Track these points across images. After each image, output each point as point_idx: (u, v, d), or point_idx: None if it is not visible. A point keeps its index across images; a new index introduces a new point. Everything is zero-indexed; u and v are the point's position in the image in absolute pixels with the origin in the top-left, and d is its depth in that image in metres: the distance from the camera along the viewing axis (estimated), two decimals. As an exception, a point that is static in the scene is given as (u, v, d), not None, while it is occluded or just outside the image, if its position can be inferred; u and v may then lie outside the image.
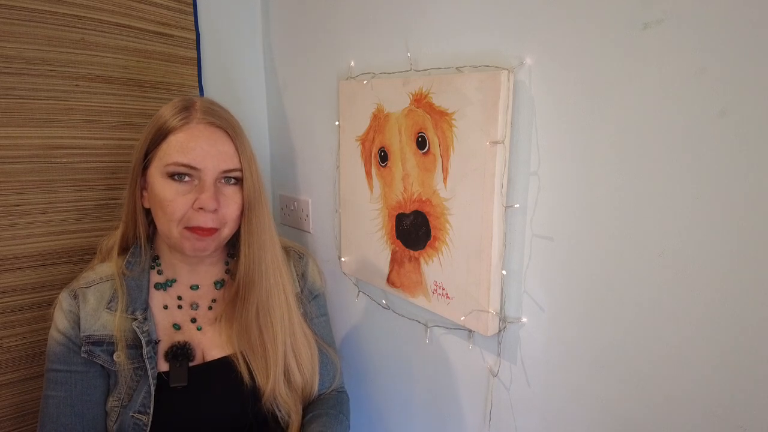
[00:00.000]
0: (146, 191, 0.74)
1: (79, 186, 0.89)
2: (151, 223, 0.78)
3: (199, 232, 0.71)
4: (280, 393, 0.76)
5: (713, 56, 0.45)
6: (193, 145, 0.69)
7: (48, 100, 0.84)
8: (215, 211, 0.71)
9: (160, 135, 0.70)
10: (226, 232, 0.75)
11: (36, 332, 0.88)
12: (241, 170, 0.73)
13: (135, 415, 0.70)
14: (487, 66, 0.63)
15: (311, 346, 0.82)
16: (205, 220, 0.70)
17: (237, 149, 0.73)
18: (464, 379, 0.76)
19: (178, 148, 0.69)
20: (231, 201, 0.73)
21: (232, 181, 0.74)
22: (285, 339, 0.78)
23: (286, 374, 0.78)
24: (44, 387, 0.72)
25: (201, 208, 0.69)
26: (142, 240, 0.77)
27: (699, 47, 0.46)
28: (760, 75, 0.43)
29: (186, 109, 0.71)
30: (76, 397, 0.71)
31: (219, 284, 0.82)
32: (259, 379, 0.76)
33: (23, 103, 0.82)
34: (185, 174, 0.70)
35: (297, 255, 0.89)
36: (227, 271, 0.84)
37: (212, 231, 0.72)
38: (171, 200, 0.69)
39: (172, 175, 0.70)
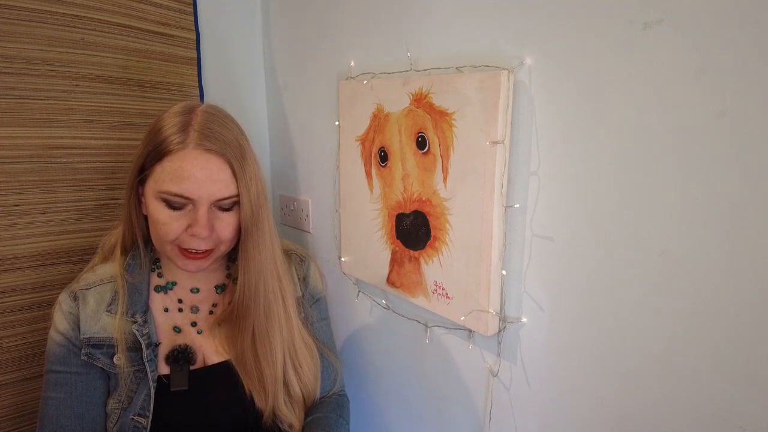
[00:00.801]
0: (143, 197, 0.74)
1: (79, 186, 0.89)
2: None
3: (190, 256, 0.71)
4: (280, 409, 0.76)
5: (713, 56, 0.45)
6: (186, 175, 0.66)
7: (48, 100, 0.84)
8: (207, 237, 0.69)
9: (156, 154, 0.68)
10: (222, 249, 0.73)
11: (36, 332, 0.88)
12: (237, 196, 0.70)
13: (135, 417, 0.70)
14: (487, 66, 0.63)
15: (313, 355, 0.82)
16: (198, 244, 0.69)
17: (235, 174, 0.69)
18: (464, 379, 0.76)
19: (171, 176, 0.66)
20: (226, 224, 0.71)
21: (228, 205, 0.71)
22: (285, 357, 0.77)
23: (285, 388, 0.78)
24: (43, 388, 0.72)
25: (194, 236, 0.68)
26: (140, 246, 0.76)
27: (699, 47, 0.46)
28: (760, 75, 0.43)
29: (184, 130, 0.67)
30: (76, 399, 0.71)
31: (220, 288, 0.82)
32: (258, 401, 0.75)
33: (23, 103, 0.82)
34: (178, 203, 0.68)
35: (299, 258, 0.88)
36: (228, 276, 0.83)
37: (205, 254, 0.72)
38: (165, 223, 0.68)
39: (165, 201, 0.68)
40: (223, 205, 0.70)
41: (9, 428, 0.89)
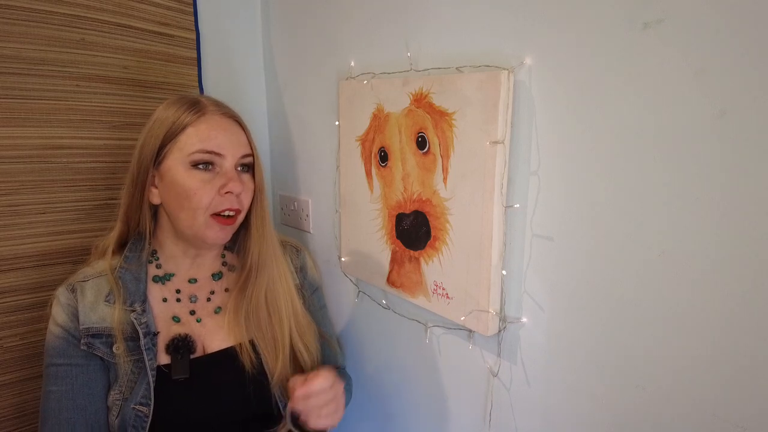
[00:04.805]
0: (155, 187, 0.75)
1: (79, 186, 0.89)
2: (152, 218, 0.79)
3: (222, 221, 0.74)
4: (288, 378, 0.77)
5: (713, 56, 0.45)
6: (214, 134, 0.73)
7: (48, 100, 0.84)
8: (239, 194, 0.75)
9: (176, 129, 0.73)
10: (241, 217, 0.78)
11: (36, 332, 0.88)
12: (253, 156, 0.78)
13: (136, 407, 0.70)
14: (487, 66, 0.63)
15: (313, 329, 0.86)
16: (232, 203, 0.74)
17: (248, 137, 0.78)
18: (464, 379, 0.76)
19: (200, 138, 0.72)
20: (247, 187, 0.77)
21: (246, 167, 0.78)
22: (290, 321, 0.81)
23: (295, 355, 0.81)
24: (44, 383, 0.72)
25: (228, 192, 0.73)
26: (148, 234, 0.78)
27: (699, 47, 0.46)
28: (760, 75, 0.43)
29: (196, 104, 0.74)
30: (78, 390, 0.71)
31: (216, 276, 0.83)
32: (269, 361, 0.77)
33: (23, 103, 0.82)
34: (209, 162, 0.73)
35: (294, 249, 0.92)
36: (223, 264, 0.85)
37: (233, 220, 0.76)
38: (198, 189, 0.72)
39: (196, 164, 0.72)
40: (244, 163, 0.77)
41: (9, 428, 0.88)
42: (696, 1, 0.45)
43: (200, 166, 0.73)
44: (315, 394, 0.67)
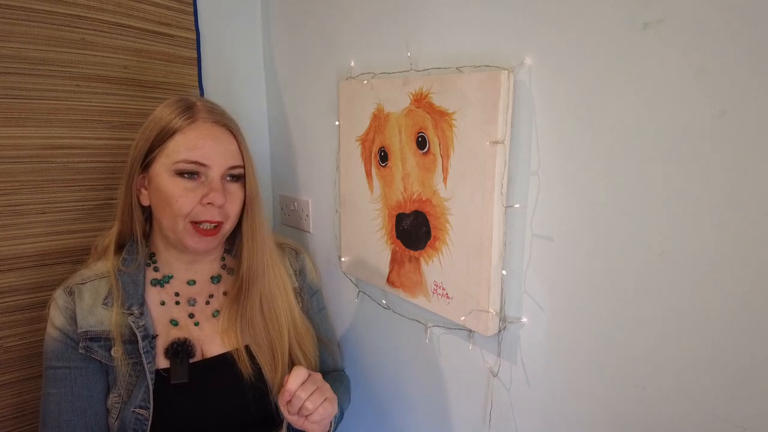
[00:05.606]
0: (145, 189, 0.75)
1: (79, 186, 0.89)
2: (147, 220, 0.79)
3: (202, 232, 0.73)
4: None
5: (713, 56, 0.45)
6: (201, 143, 0.71)
7: (48, 100, 0.84)
8: (221, 206, 0.73)
9: (165, 134, 0.72)
10: (228, 227, 0.76)
11: (35, 332, 0.88)
12: (243, 167, 0.76)
13: (136, 410, 0.70)
14: (487, 66, 0.63)
15: (311, 334, 0.86)
16: (212, 214, 0.73)
17: (240, 147, 0.76)
18: (464, 379, 0.76)
19: (186, 146, 0.71)
20: (234, 197, 0.75)
21: (235, 178, 0.76)
22: (289, 329, 0.80)
23: (293, 363, 0.80)
24: (43, 386, 0.72)
25: (209, 204, 0.72)
26: (139, 236, 0.77)
27: (699, 47, 0.46)
28: (760, 75, 0.43)
29: (189, 109, 0.73)
30: (77, 393, 0.71)
31: (215, 279, 0.83)
32: (267, 373, 0.77)
33: (23, 103, 0.82)
34: (194, 171, 0.72)
35: (293, 252, 0.91)
36: (223, 267, 0.85)
37: (215, 231, 0.74)
38: (179, 196, 0.71)
39: (180, 173, 0.71)
40: (233, 173, 0.75)
41: (9, 428, 0.88)
42: (696, 1, 0.45)
43: (185, 175, 0.71)
44: (295, 395, 0.66)
